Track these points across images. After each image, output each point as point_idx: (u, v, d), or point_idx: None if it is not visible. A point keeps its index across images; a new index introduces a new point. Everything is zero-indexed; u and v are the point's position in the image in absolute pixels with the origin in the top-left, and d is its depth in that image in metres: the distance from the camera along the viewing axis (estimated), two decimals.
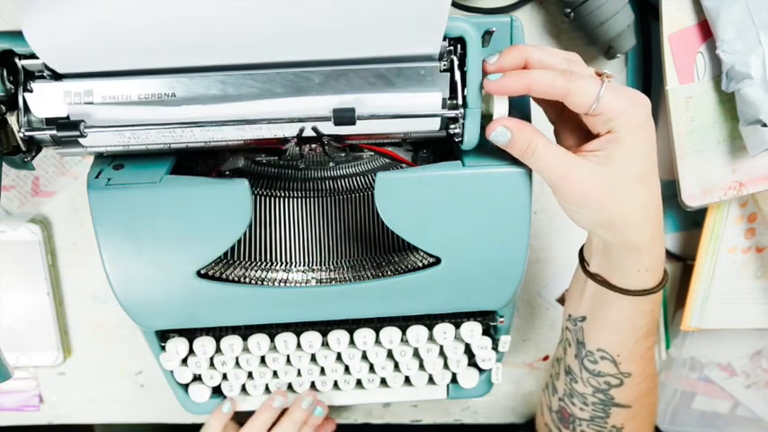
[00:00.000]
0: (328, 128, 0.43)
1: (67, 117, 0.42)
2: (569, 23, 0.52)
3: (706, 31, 0.51)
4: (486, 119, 0.45)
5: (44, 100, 0.42)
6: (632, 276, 0.46)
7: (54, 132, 0.41)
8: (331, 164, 0.53)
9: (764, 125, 0.49)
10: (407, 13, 0.39)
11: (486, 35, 0.45)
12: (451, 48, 0.43)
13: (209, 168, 0.52)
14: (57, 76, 0.42)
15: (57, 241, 0.62)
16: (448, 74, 0.43)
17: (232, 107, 0.43)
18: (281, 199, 0.51)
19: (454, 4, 0.53)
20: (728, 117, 0.53)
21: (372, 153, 0.53)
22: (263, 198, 0.51)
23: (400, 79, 0.43)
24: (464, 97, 0.44)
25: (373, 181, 0.46)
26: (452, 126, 0.45)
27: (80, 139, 0.43)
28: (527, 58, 0.42)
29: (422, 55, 0.42)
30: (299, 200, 0.52)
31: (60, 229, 0.62)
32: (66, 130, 0.41)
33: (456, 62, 0.43)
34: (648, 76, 0.57)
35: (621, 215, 0.43)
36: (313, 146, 0.52)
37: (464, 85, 0.43)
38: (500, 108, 0.44)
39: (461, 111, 0.44)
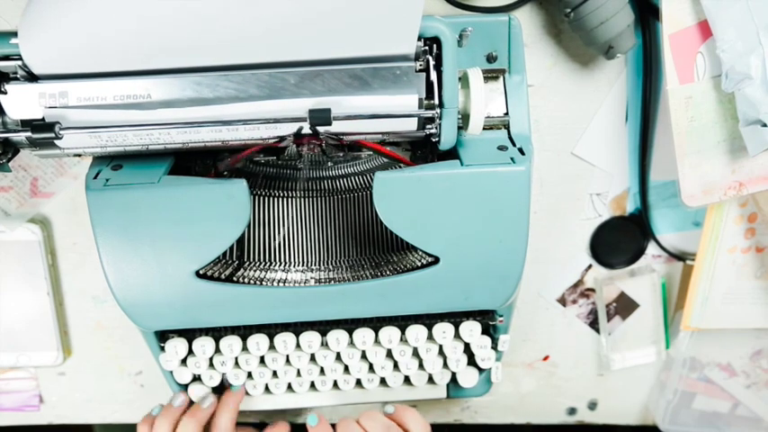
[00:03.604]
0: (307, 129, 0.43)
1: (43, 119, 0.42)
2: (569, 23, 0.51)
3: (706, 31, 0.51)
4: (464, 118, 0.44)
5: (19, 102, 0.42)
6: None
7: (29, 134, 0.41)
8: (329, 163, 0.52)
9: (764, 125, 0.49)
10: (381, 13, 0.39)
11: (463, 35, 0.45)
12: (427, 48, 0.43)
13: (207, 168, 0.52)
14: (32, 78, 0.42)
15: (56, 241, 0.62)
16: (424, 74, 0.43)
17: (207, 108, 0.43)
18: (280, 199, 0.51)
19: (453, 3, 0.53)
20: (728, 117, 0.53)
21: (371, 152, 0.53)
22: (261, 198, 0.51)
23: (376, 79, 0.43)
24: (440, 97, 0.44)
25: (371, 180, 0.46)
26: (429, 126, 0.45)
27: (56, 141, 0.43)
28: None
29: (397, 55, 0.42)
30: (298, 200, 0.52)
31: (60, 229, 0.62)
32: (42, 132, 0.41)
33: (432, 62, 0.43)
34: (648, 76, 0.57)
35: None
36: (311, 145, 0.52)
37: (440, 85, 0.43)
38: (478, 107, 0.44)
39: (438, 111, 0.44)
